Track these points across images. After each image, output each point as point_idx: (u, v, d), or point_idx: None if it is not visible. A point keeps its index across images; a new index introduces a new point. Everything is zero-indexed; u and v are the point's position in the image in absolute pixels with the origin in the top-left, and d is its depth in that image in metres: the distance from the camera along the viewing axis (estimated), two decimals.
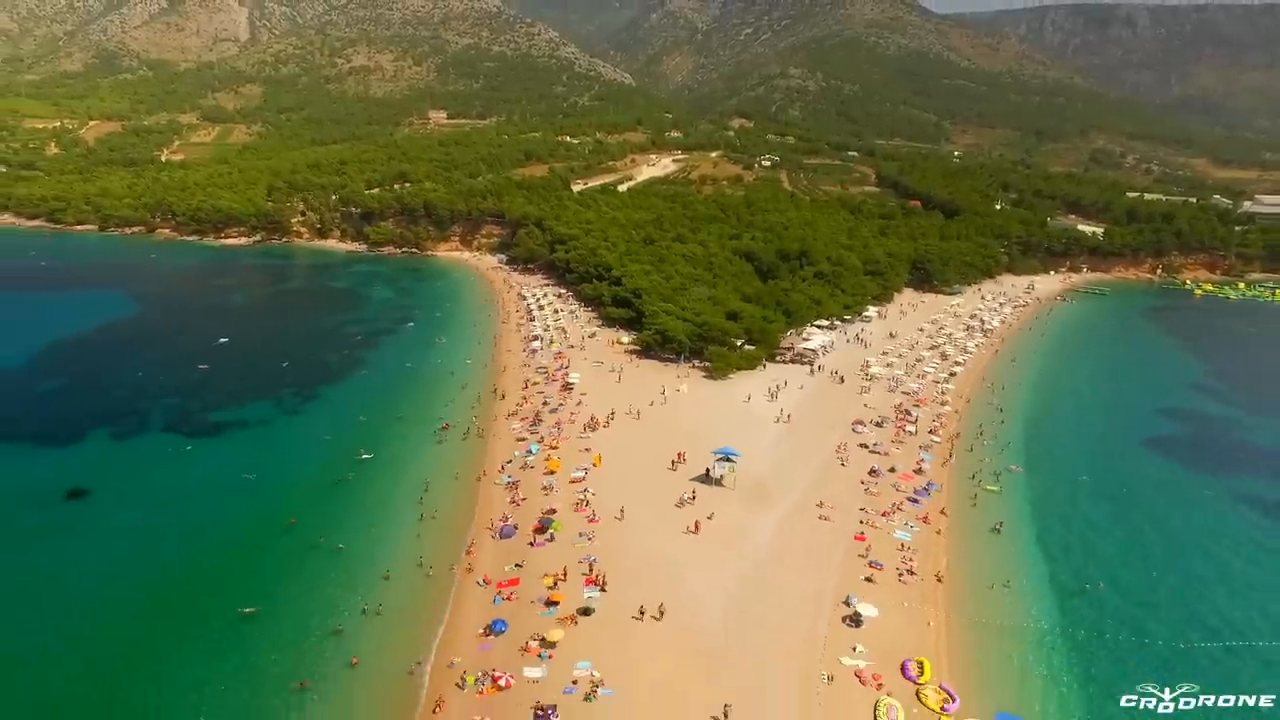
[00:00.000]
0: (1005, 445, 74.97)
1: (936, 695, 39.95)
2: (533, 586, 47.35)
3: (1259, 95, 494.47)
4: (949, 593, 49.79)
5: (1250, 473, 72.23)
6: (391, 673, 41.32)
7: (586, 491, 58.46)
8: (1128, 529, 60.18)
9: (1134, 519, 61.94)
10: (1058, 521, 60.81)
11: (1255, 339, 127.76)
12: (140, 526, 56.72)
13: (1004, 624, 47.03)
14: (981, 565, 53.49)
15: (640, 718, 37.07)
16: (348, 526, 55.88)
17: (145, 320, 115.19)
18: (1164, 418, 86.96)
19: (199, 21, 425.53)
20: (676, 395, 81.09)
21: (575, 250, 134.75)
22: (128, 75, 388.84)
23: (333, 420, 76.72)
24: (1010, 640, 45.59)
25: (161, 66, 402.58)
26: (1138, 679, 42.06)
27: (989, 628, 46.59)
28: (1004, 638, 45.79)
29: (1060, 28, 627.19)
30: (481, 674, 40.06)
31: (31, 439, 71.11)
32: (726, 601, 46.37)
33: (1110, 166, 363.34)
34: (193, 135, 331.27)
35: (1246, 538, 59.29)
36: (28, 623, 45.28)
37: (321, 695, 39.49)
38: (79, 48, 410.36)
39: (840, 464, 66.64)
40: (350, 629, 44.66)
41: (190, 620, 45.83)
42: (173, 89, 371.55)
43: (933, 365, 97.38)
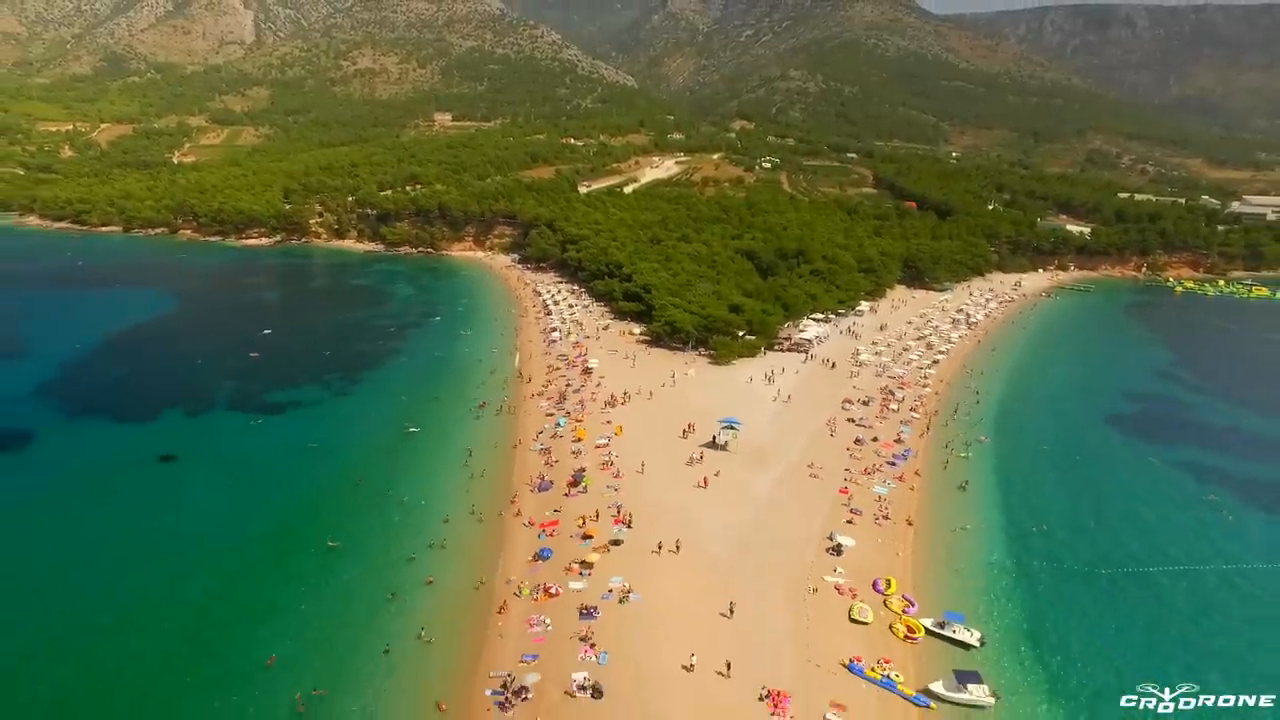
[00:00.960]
0: (978, 421, 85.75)
1: (899, 602, 50.66)
2: (570, 526, 58.07)
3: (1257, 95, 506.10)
4: (916, 533, 60.54)
5: (1194, 445, 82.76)
6: (460, 588, 51.95)
7: (611, 454, 69.29)
8: (1074, 488, 70.89)
9: (1081, 481, 72.67)
10: (1016, 481, 71.49)
11: (1224, 332, 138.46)
12: (227, 484, 67.40)
13: (959, 556, 57.74)
14: (946, 513, 64.23)
15: (663, 614, 47.74)
16: (407, 483, 66.56)
17: (189, 315, 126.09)
18: (1127, 399, 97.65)
19: (205, 25, 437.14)
20: (685, 378, 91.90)
21: (587, 249, 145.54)
22: (136, 78, 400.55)
23: (378, 400, 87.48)
24: (962, 567, 56.29)
25: (169, 69, 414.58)
26: (1136, 678, 44.56)
27: (946, 558, 57.31)
28: (957, 565, 56.49)
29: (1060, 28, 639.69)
30: (535, 586, 50.80)
31: (116, 416, 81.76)
32: (731, 537, 57.08)
33: (1106, 167, 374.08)
34: (202, 138, 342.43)
35: (1169, 496, 69.98)
36: (154, 557, 55.85)
37: (408, 603, 50.09)
38: (86, 51, 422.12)
39: (829, 434, 77.38)
40: (421, 558, 55.29)
41: (286, 552, 56.46)
42: (181, 92, 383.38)
43: (918, 353, 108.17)
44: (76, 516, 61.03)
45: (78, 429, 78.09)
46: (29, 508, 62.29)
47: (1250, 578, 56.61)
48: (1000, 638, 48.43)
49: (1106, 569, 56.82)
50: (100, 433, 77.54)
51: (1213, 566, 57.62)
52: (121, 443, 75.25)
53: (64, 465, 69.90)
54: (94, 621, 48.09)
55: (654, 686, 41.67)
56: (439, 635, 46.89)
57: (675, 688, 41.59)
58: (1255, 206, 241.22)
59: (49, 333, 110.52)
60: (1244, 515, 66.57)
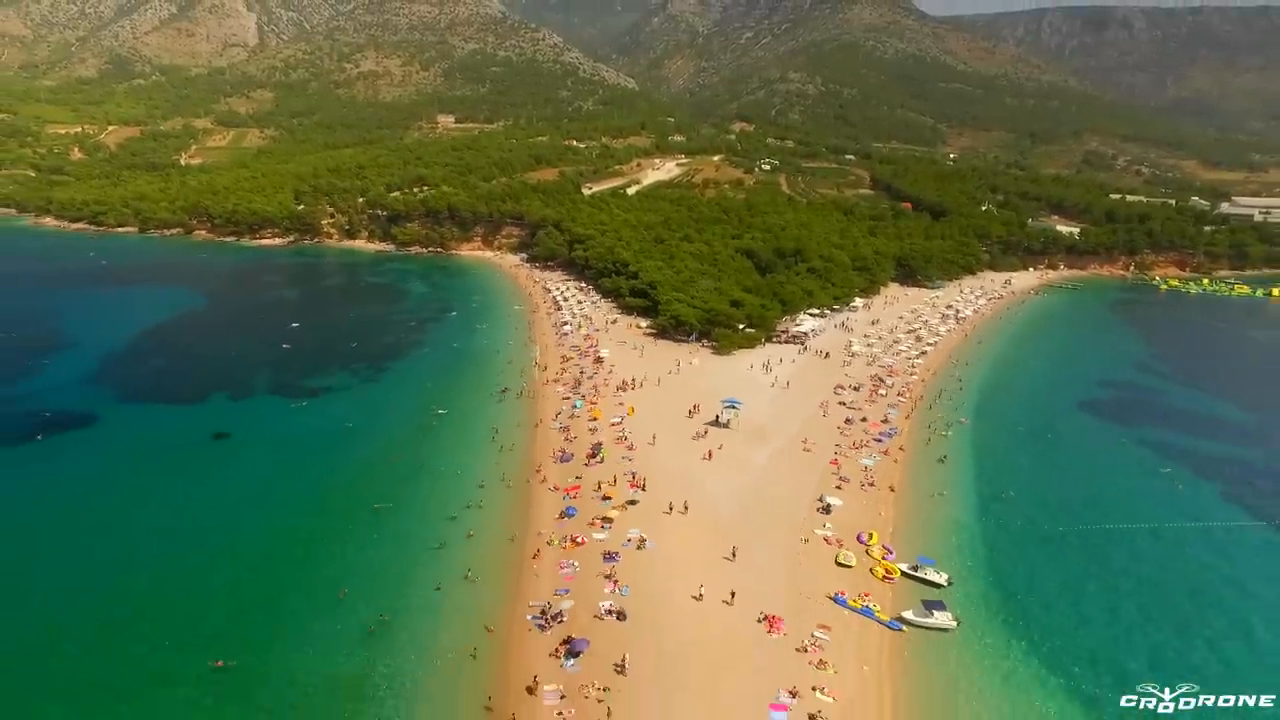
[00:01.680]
0: (959, 405, 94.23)
1: (879, 550, 59.08)
2: (590, 490, 66.42)
3: (1252, 97, 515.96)
4: (897, 498, 68.97)
5: (1159, 426, 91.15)
6: (497, 540, 60.26)
7: (624, 431, 77.76)
8: (1044, 462, 79.38)
9: (1051, 456, 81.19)
10: (991, 457, 79.93)
11: (1201, 327, 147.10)
12: (278, 457, 75.75)
13: (934, 516, 66.19)
14: (925, 482, 72.66)
15: (675, 558, 56.11)
16: (440, 457, 74.92)
17: (218, 310, 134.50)
18: (1102, 387, 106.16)
19: (209, 27, 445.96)
20: (689, 367, 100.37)
21: (593, 249, 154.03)
22: (141, 81, 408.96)
23: (405, 386, 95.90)
24: (936, 524, 64.74)
25: (173, 72, 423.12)
26: (1135, 677, 46.36)
27: (922, 518, 65.74)
28: (932, 523, 64.92)
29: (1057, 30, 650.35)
30: (562, 538, 59.15)
31: (167, 400, 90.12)
32: (733, 499, 65.48)
33: (1102, 168, 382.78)
34: (208, 140, 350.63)
35: (1127, 470, 78.50)
36: (227, 515, 64.12)
37: (453, 552, 58.35)
38: (91, 53, 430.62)
39: (822, 415, 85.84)
40: (461, 517, 63.54)
41: (339, 513, 64.60)
42: (186, 94, 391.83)
43: (907, 345, 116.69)
44: (152, 483, 69.39)
45: (135, 411, 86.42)
46: (112, 477, 70.67)
47: (1179, 534, 65.11)
48: (964, 579, 56.84)
49: (1061, 527, 65.24)
50: (156, 414, 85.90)
51: (1149, 525, 66.11)
52: (177, 423, 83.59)
53: (131, 441, 78.32)
54: (189, 564, 56.43)
55: (669, 611, 50.08)
56: (482, 576, 55.25)
57: (687, 612, 50.00)
58: (1243, 207, 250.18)
59: (91, 327, 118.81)
60: (1192, 485, 75.05)
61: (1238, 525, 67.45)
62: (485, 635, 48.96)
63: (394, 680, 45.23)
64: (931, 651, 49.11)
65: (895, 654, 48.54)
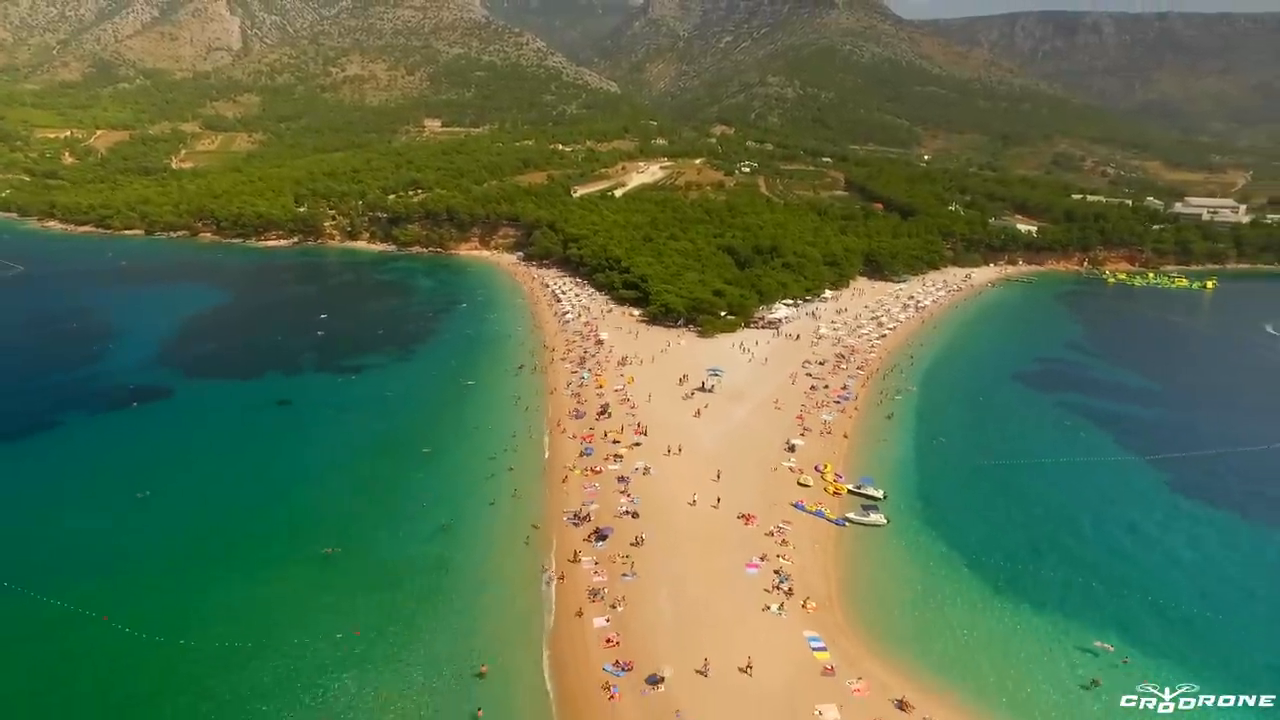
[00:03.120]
0: (910, 376, 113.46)
1: (832, 475, 77.71)
2: (602, 436, 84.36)
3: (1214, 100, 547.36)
4: (849, 442, 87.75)
5: (1075, 391, 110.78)
6: (532, 472, 78.02)
7: (626, 394, 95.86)
8: (974, 418, 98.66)
9: (981, 413, 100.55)
10: (930, 414, 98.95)
11: (1133, 314, 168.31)
12: (336, 418, 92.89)
13: (878, 454, 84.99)
14: (873, 431, 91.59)
15: (673, 479, 74.23)
16: (476, 416, 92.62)
17: (245, 303, 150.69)
18: (1035, 362, 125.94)
19: (192, 31, 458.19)
20: (678, 347, 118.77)
21: (588, 247, 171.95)
22: (126, 85, 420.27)
23: (432, 365, 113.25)
24: (879, 460, 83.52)
25: (157, 75, 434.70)
26: (1135, 677, 48.95)
27: (869, 455, 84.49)
28: (876, 459, 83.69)
29: (1030, 34, 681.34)
30: (584, 468, 77.04)
31: (227, 377, 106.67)
32: (717, 442, 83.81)
33: (1070, 169, 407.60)
34: (197, 144, 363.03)
35: (1039, 423, 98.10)
36: (312, 457, 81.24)
37: (498, 480, 75.99)
38: (74, 57, 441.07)
39: (791, 383, 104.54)
40: (499, 458, 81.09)
41: (398, 456, 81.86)
42: (172, 98, 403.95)
43: (869, 329, 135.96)
44: (246, 434, 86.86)
45: (204, 385, 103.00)
46: (213, 430, 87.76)
47: (1071, 466, 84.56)
48: (897, 494, 75.59)
49: (980, 462, 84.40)
50: (222, 388, 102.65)
51: (1050, 460, 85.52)
52: (243, 394, 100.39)
53: (212, 406, 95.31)
54: (296, 489, 73.92)
55: (671, 512, 68.27)
56: (525, 494, 73.12)
57: (684, 512, 68.30)
58: (1194, 207, 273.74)
59: (136, 318, 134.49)
60: (1090, 433, 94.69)
61: (1117, 459, 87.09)
62: (533, 530, 66.78)
63: (467, 559, 62.92)
64: (867, 539, 67.70)
65: (839, 541, 67.06)
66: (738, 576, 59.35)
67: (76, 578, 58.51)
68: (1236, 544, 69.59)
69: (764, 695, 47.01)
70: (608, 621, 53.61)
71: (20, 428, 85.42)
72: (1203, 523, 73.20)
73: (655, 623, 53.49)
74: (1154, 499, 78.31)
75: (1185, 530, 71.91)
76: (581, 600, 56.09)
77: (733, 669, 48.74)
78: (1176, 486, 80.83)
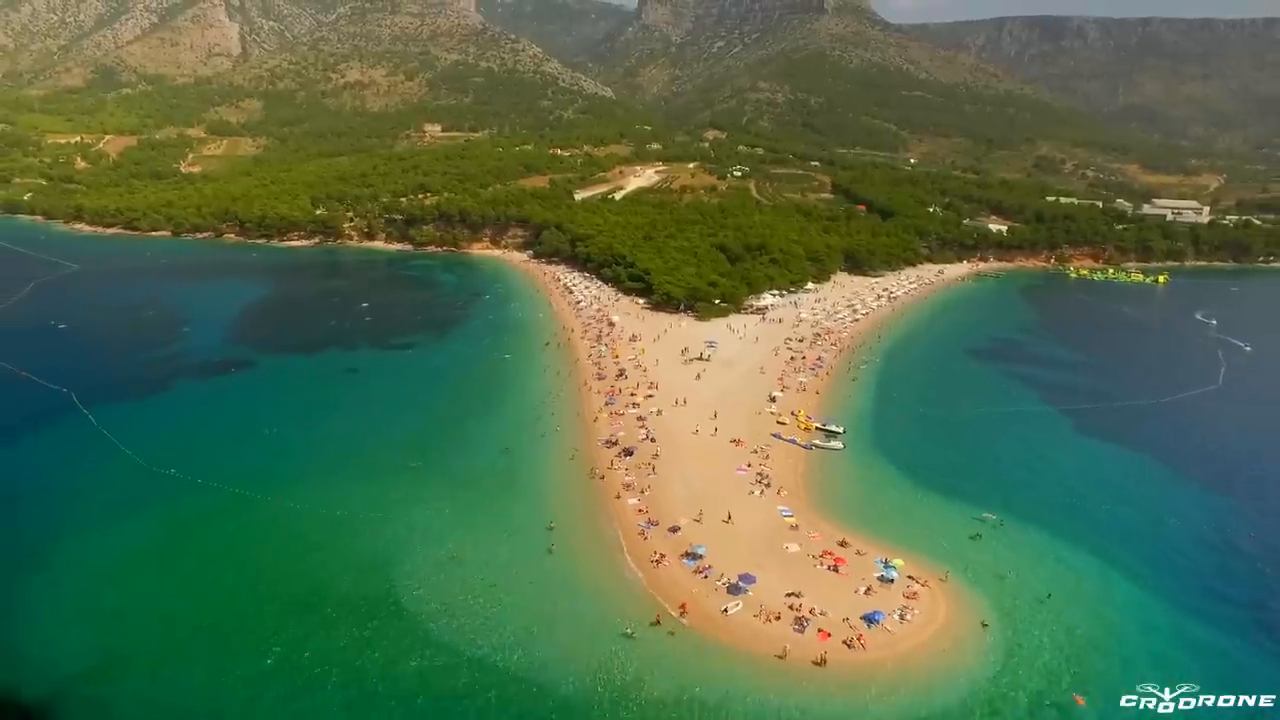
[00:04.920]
0: (876, 350, 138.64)
1: (803, 416, 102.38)
2: (624, 391, 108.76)
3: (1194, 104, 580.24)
4: (819, 396, 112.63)
5: (1016, 362, 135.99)
6: (568, 416, 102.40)
7: (639, 361, 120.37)
8: (926, 381, 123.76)
9: (932, 377, 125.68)
10: (890, 378, 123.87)
11: (1085, 304, 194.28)
12: (399, 383, 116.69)
13: (843, 404, 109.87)
14: (840, 389, 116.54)
15: (680, 418, 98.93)
16: (516, 380, 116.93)
17: (289, 294, 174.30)
18: (988, 341, 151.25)
19: (192, 37, 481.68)
20: (678, 328, 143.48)
21: (595, 245, 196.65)
22: (129, 90, 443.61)
23: (470, 343, 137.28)
24: (843, 408, 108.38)
25: (159, 81, 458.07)
26: (1135, 676, 51.54)
27: (835, 405, 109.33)
28: (841, 407, 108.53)
29: (1017, 38, 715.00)
30: (610, 412, 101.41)
31: (296, 352, 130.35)
32: (714, 396, 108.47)
33: (1051, 172, 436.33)
34: (203, 148, 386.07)
35: (984, 384, 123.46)
36: (375, 411, 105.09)
37: (543, 422, 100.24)
38: (75, 63, 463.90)
39: (774, 355, 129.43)
40: (540, 407, 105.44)
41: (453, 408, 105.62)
42: (176, 103, 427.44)
43: (844, 314, 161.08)
44: (331, 391, 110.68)
45: (281, 359, 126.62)
46: (295, 392, 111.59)
47: (1002, 414, 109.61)
48: (855, 430, 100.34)
49: (925, 411, 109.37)
50: (297, 360, 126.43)
51: (984, 410, 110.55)
52: (316, 364, 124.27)
53: (293, 372, 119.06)
54: (383, 426, 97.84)
55: (679, 438, 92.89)
56: (566, 431, 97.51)
57: (690, 438, 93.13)
58: (1159, 209, 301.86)
59: (199, 306, 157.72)
60: (1021, 391, 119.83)
61: (1039, 410, 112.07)
62: (575, 451, 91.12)
63: (528, 469, 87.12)
64: (827, 458, 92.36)
65: (806, 459, 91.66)
66: (730, 475, 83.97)
67: (253, 481, 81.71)
68: (1106, 461, 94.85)
69: (750, 537, 71.51)
70: (637, 500, 78.08)
71: (151, 389, 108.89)
72: (1088, 450, 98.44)
73: (672, 500, 78.06)
74: (1057, 435, 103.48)
75: (1073, 454, 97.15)
76: (618, 489, 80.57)
77: (726, 519, 73.44)
78: (1078, 428, 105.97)
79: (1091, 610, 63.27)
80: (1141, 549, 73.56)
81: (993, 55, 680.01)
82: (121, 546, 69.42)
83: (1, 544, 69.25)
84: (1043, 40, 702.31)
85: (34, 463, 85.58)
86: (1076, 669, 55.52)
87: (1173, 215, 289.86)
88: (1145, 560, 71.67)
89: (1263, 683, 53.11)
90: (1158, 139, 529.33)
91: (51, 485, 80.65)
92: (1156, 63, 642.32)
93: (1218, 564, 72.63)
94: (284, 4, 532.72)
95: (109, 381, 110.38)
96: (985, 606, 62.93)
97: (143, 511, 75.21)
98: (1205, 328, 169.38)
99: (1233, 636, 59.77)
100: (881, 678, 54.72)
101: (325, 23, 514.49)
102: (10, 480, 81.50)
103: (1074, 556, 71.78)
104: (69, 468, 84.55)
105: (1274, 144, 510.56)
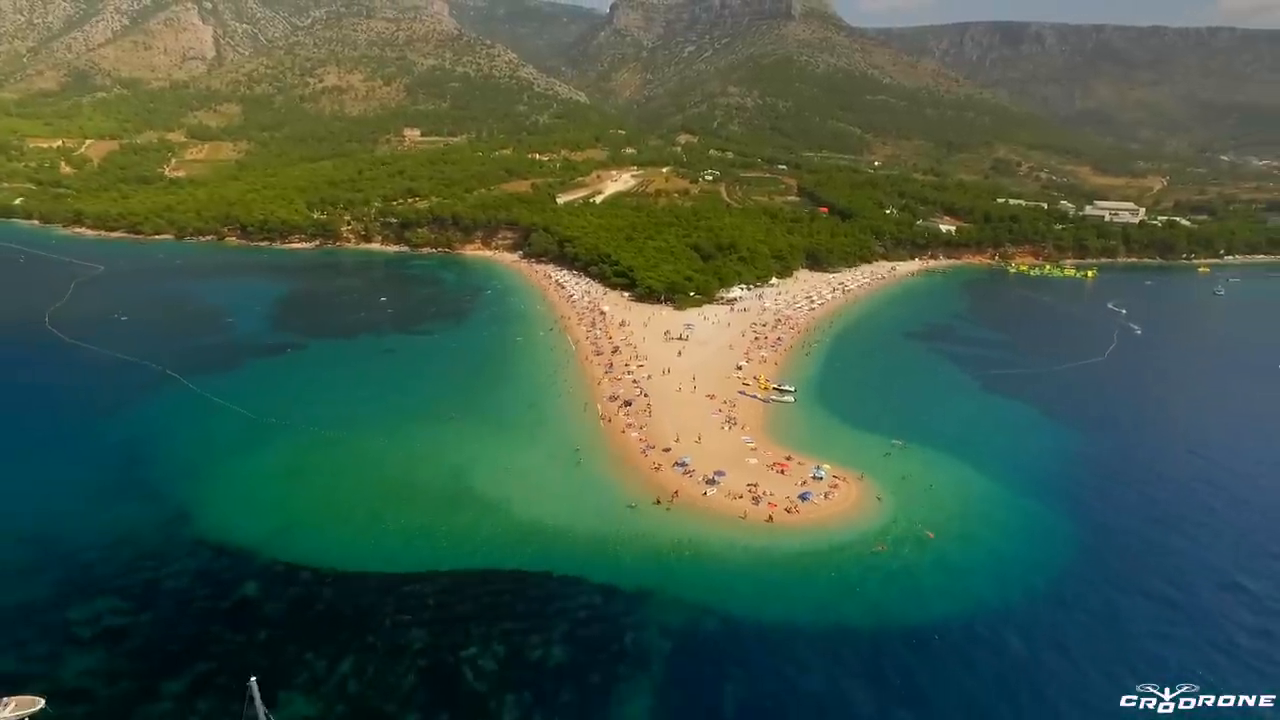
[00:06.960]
0: (827, 333, 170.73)
1: (764, 380, 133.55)
2: (619, 364, 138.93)
3: (1144, 108, 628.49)
4: (778, 367, 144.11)
5: (946, 342, 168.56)
6: (577, 382, 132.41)
7: (629, 341, 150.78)
8: (866, 356, 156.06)
9: (872, 353, 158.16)
10: (836, 354, 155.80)
11: (1017, 296, 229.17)
12: (428, 360, 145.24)
13: (795, 373, 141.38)
14: (795, 362, 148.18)
15: (666, 381, 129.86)
16: (527, 356, 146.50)
17: (310, 291, 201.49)
18: (925, 325, 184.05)
19: (165, 40, 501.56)
20: (659, 316, 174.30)
21: (581, 246, 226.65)
22: (104, 94, 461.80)
23: (482, 329, 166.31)
24: (795, 376, 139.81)
25: (134, 84, 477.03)
26: (1135, 675, 54.57)
27: (789, 373, 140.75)
28: (794, 376, 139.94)
29: (979, 43, 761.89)
30: (610, 378, 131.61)
31: (334, 337, 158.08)
32: (691, 365, 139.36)
33: (1007, 174, 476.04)
34: (186, 153, 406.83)
35: (916, 359, 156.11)
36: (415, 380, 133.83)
37: (556, 384, 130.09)
38: (47, 66, 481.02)
39: (741, 336, 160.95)
40: (552, 374, 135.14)
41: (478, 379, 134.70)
42: (153, 108, 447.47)
43: (803, 304, 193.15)
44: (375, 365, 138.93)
45: (324, 342, 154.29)
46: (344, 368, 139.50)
47: (929, 382, 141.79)
48: (803, 390, 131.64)
49: (860, 377, 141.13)
50: (339, 343, 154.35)
51: (913, 379, 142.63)
52: (356, 346, 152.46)
53: (339, 353, 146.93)
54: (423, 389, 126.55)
55: (667, 393, 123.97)
56: (576, 391, 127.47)
57: (674, 392, 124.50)
58: (1099, 210, 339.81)
59: (234, 302, 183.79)
60: (948, 365, 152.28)
61: (958, 376, 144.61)
62: (586, 404, 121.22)
63: (552, 417, 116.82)
64: (780, 408, 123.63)
65: (764, 409, 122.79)
66: (707, 417, 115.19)
67: (339, 427, 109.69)
68: (997, 410, 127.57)
69: (722, 454, 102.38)
70: (638, 434, 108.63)
71: (227, 365, 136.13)
72: (985, 402, 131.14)
73: (664, 433, 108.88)
74: (964, 392, 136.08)
75: (973, 404, 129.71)
76: (623, 427, 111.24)
77: (705, 444, 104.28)
78: (983, 388, 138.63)
79: (957, 493, 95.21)
80: (1005, 461, 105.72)
81: (956, 59, 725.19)
82: (260, 466, 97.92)
83: (172, 467, 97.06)
84: (1004, 45, 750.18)
85: (167, 416, 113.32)
86: (936, 521, 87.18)
87: (1110, 216, 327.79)
88: (1006, 467, 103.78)
89: (1262, 683, 55.49)
90: (1109, 142, 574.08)
91: (190, 429, 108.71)
92: (1110, 68, 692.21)
93: (1060, 471, 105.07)
94: (257, 7, 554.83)
95: (190, 360, 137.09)
96: (885, 491, 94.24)
97: (266, 445, 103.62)
98: (1114, 315, 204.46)
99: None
100: (809, 528, 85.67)
101: (300, 26, 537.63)
102: (157, 428, 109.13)
103: (956, 466, 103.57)
104: (197, 419, 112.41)
105: (1214, 148, 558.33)
